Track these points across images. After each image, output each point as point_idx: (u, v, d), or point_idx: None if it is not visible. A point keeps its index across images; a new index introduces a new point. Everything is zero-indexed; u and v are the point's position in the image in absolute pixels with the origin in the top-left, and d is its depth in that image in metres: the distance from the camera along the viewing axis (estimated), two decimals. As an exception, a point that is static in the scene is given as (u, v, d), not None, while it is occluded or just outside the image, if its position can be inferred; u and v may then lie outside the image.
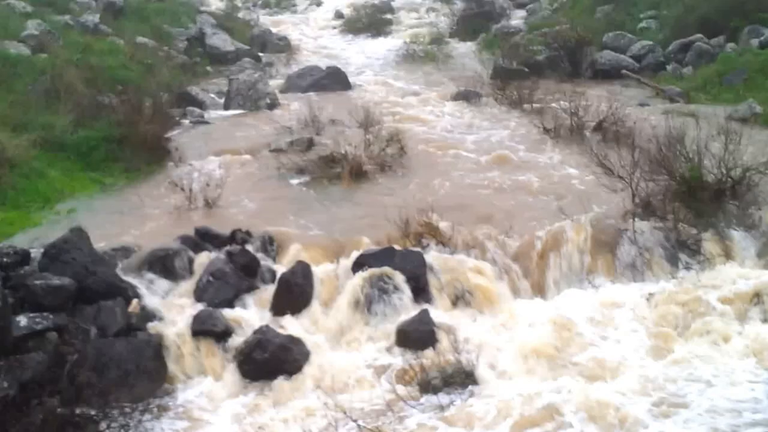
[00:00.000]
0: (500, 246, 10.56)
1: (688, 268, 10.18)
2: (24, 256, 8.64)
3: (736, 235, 10.51)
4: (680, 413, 7.73)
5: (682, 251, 10.36)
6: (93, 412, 7.13)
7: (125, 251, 9.97)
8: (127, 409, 7.38)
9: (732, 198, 10.82)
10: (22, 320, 7.67)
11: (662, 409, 7.78)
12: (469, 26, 26.38)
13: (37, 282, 8.19)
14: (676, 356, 8.76)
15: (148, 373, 8.21)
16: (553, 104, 15.79)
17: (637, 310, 9.55)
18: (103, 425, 7.11)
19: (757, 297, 9.36)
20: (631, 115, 14.29)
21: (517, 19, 26.92)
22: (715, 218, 10.63)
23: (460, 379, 8.39)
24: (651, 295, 9.75)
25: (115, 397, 7.36)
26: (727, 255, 10.32)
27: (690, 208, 10.69)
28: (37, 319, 7.78)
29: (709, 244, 10.38)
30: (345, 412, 7.77)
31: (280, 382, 8.56)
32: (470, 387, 8.32)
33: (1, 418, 6.62)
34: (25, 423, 6.67)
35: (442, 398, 8.18)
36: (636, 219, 10.69)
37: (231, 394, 8.50)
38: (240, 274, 9.78)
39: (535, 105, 16.36)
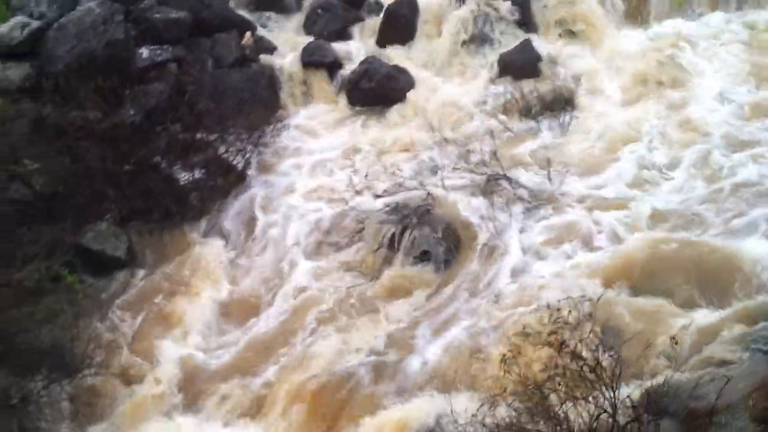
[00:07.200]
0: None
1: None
2: (143, -9, 8.16)
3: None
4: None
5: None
6: (212, 137, 6.97)
7: (236, -15, 9.38)
8: (244, 135, 7.15)
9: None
10: (144, 52, 7.40)
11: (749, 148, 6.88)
12: None
13: (157, 15, 7.78)
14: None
15: (262, 101, 7.91)
16: None
17: (737, 38, 8.73)
18: (222, 149, 6.97)
19: None
20: None
21: None
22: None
23: (560, 105, 7.80)
24: (752, 23, 8.93)
25: (233, 123, 7.15)
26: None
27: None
28: (158, 51, 7.49)
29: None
30: (446, 139, 7.41)
31: (386, 108, 8.14)
32: (569, 112, 7.72)
33: (131, 141, 6.53)
34: (152, 147, 6.60)
35: (542, 123, 7.70)
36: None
37: (340, 118, 8.20)
38: (347, 6, 9.16)
39: None
